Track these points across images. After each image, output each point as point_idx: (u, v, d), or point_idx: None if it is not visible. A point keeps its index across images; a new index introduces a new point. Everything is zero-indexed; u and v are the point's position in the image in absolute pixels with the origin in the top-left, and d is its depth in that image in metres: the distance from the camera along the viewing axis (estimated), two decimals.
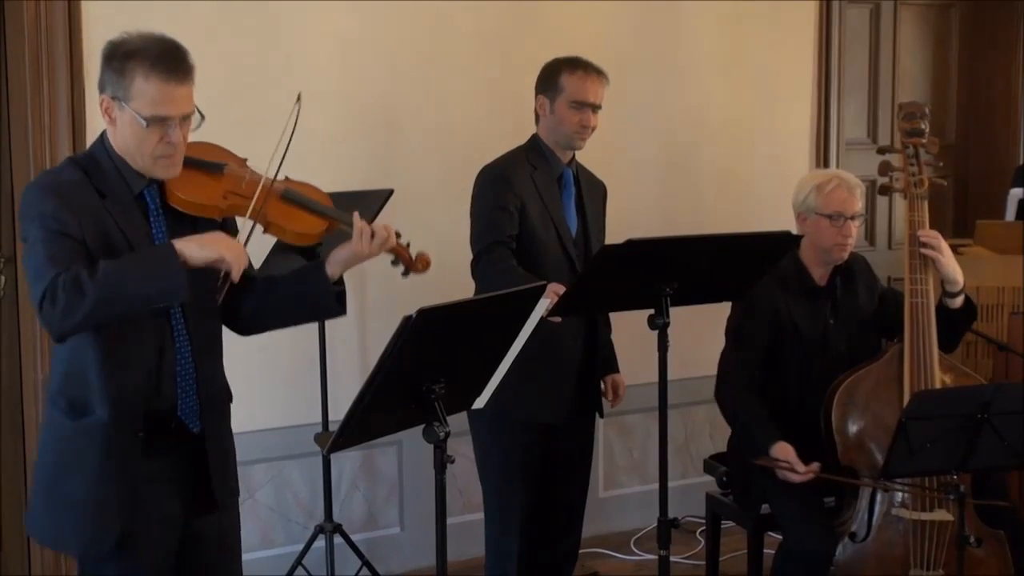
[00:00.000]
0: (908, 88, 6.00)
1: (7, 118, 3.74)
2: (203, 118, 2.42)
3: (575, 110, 3.50)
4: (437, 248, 3.99)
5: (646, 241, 3.06)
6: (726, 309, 3.63)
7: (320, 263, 2.53)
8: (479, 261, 3.45)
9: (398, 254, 2.56)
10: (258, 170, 2.49)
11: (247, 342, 2.71)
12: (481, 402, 2.64)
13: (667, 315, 3.09)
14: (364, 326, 4.20)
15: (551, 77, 3.55)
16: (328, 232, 2.54)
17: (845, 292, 3.59)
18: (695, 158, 4.89)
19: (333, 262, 2.51)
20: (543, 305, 2.58)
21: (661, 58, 4.77)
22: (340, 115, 4.13)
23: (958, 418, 2.92)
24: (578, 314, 3.44)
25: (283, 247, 2.60)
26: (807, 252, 3.55)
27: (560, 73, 3.53)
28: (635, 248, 2.99)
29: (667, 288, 3.07)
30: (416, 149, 4.30)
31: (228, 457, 2.61)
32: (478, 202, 3.53)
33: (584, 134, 3.54)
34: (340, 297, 2.55)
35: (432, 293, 2.55)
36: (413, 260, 2.57)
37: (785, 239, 3.31)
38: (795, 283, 3.54)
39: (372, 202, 3.84)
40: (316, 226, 2.52)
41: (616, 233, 3.44)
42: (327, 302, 2.54)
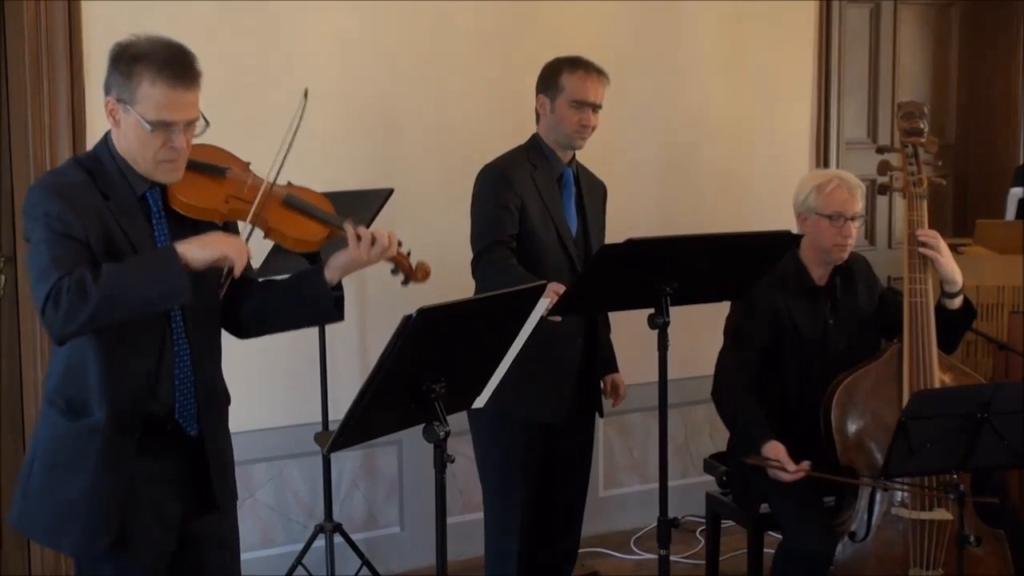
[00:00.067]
0: (908, 88, 6.00)
1: (7, 118, 3.74)
2: (207, 124, 2.41)
3: (575, 109, 3.50)
4: (437, 248, 4.00)
5: (646, 241, 3.05)
6: (726, 308, 3.63)
7: (319, 268, 2.53)
8: (479, 260, 3.45)
9: (398, 263, 2.55)
10: (260, 174, 2.48)
11: (248, 342, 2.71)
12: (481, 402, 2.64)
13: (667, 314, 3.09)
14: (364, 326, 4.20)
15: (551, 76, 3.55)
16: (329, 239, 2.53)
17: (845, 292, 3.59)
18: (695, 158, 4.89)
19: (332, 267, 2.51)
20: (543, 304, 2.59)
21: (661, 58, 4.77)
22: (340, 115, 4.13)
23: (958, 417, 2.92)
24: (578, 313, 3.44)
25: (283, 249, 2.60)
26: (807, 252, 3.55)
27: (560, 73, 3.53)
28: (635, 248, 2.99)
29: (667, 288, 3.07)
30: (416, 149, 4.30)
31: (226, 459, 2.61)
32: (478, 201, 3.53)
33: (584, 133, 3.54)
34: (338, 302, 2.54)
35: (432, 293, 2.55)
36: (413, 269, 2.56)
37: (785, 239, 3.31)
38: (795, 283, 3.54)
39: (372, 202, 3.84)
40: (317, 233, 2.51)
41: (616, 233, 3.44)
42: (325, 307, 2.53)
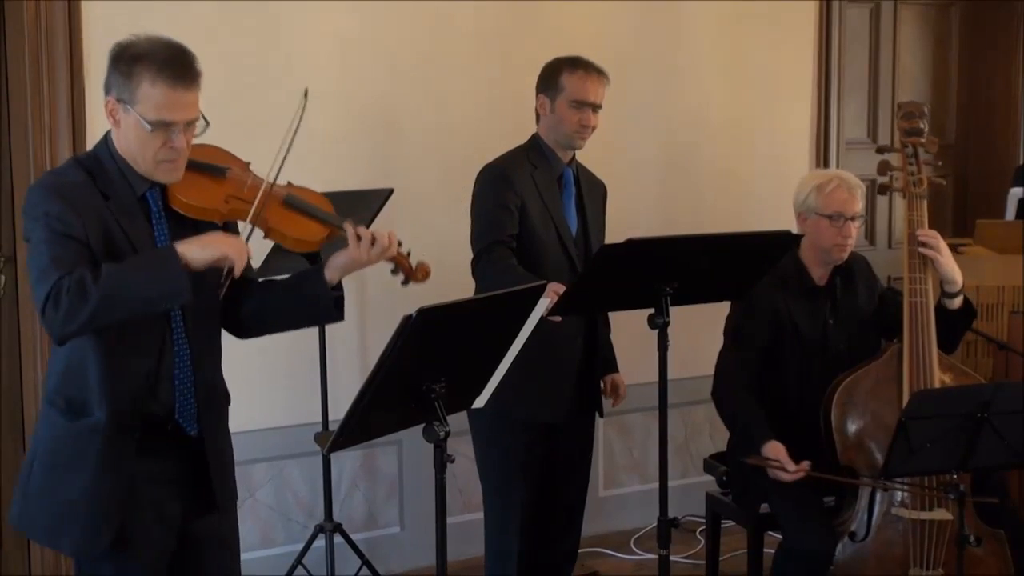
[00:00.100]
0: (908, 88, 6.00)
1: (7, 118, 3.74)
2: (208, 124, 2.41)
3: (575, 109, 3.50)
4: (437, 248, 4.00)
5: (646, 240, 3.05)
6: (726, 308, 3.63)
7: (319, 268, 2.53)
8: (479, 260, 3.45)
9: (398, 263, 2.55)
10: (260, 175, 2.48)
11: (248, 342, 2.70)
12: (481, 402, 2.64)
13: (667, 314, 3.09)
14: (364, 325, 4.20)
15: (551, 76, 3.55)
16: (329, 239, 2.53)
17: (845, 292, 3.59)
18: (695, 158, 4.89)
19: (332, 267, 2.51)
20: (543, 304, 2.59)
21: (661, 58, 4.77)
22: (340, 115, 4.13)
23: (958, 417, 2.92)
24: (578, 313, 3.44)
25: (283, 248, 2.59)
26: (807, 252, 3.55)
27: (560, 72, 3.53)
28: (635, 247, 2.99)
29: (667, 288, 3.07)
30: (416, 149, 4.30)
31: (226, 459, 2.61)
32: (478, 201, 3.53)
33: (584, 133, 3.54)
34: (338, 302, 2.54)
35: (432, 293, 2.55)
36: (413, 269, 2.56)
37: (785, 239, 3.31)
38: (795, 283, 3.54)
39: (372, 202, 3.84)
40: (317, 233, 2.51)
41: (616, 233, 3.44)
42: (325, 307, 2.53)
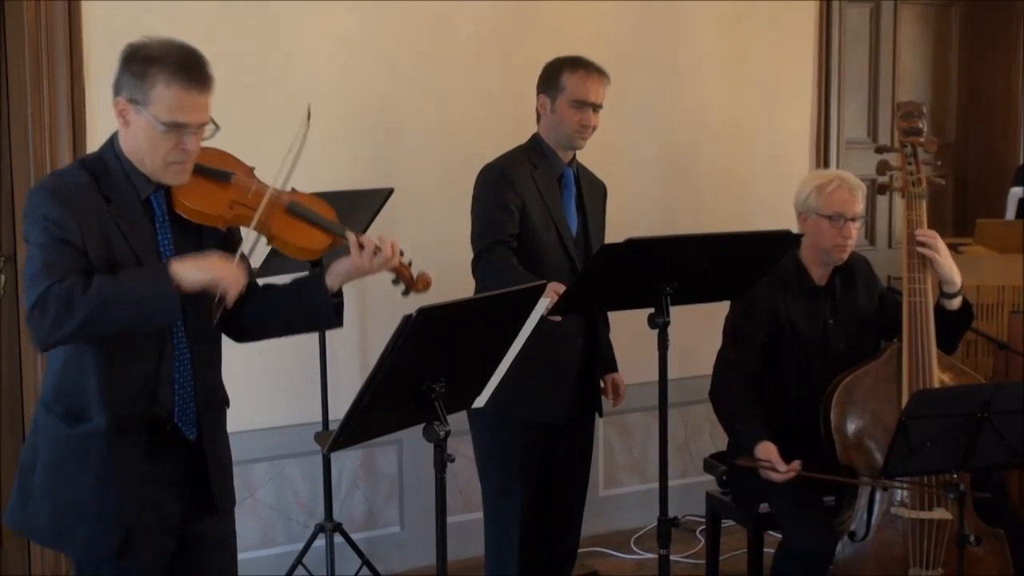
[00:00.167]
0: (908, 88, 6.01)
1: (7, 117, 3.74)
2: (217, 128, 2.41)
3: (576, 109, 3.50)
4: (437, 248, 4.02)
5: (646, 240, 3.05)
6: (726, 308, 3.63)
7: (320, 274, 2.53)
8: (480, 260, 3.45)
9: (399, 273, 2.56)
10: (265, 181, 2.48)
11: None
12: (481, 401, 2.64)
13: (667, 314, 3.09)
14: (364, 326, 4.20)
15: (552, 76, 3.55)
16: (331, 248, 2.54)
17: (845, 292, 3.59)
18: (695, 158, 4.89)
19: (333, 274, 2.51)
20: (543, 304, 2.59)
21: (661, 58, 4.77)
22: (340, 115, 4.13)
23: (958, 417, 2.92)
24: (578, 313, 3.44)
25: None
26: (807, 252, 3.55)
27: (561, 72, 3.52)
28: (635, 247, 2.99)
29: (667, 287, 3.07)
30: (416, 149, 4.30)
31: (225, 462, 2.61)
32: (479, 201, 3.52)
33: (585, 133, 3.54)
34: (338, 309, 2.55)
35: (432, 292, 2.55)
36: (414, 280, 2.57)
37: (785, 239, 3.30)
38: (795, 283, 3.54)
39: (372, 202, 3.84)
40: (320, 241, 2.51)
41: (616, 233, 3.44)
42: (325, 314, 2.54)
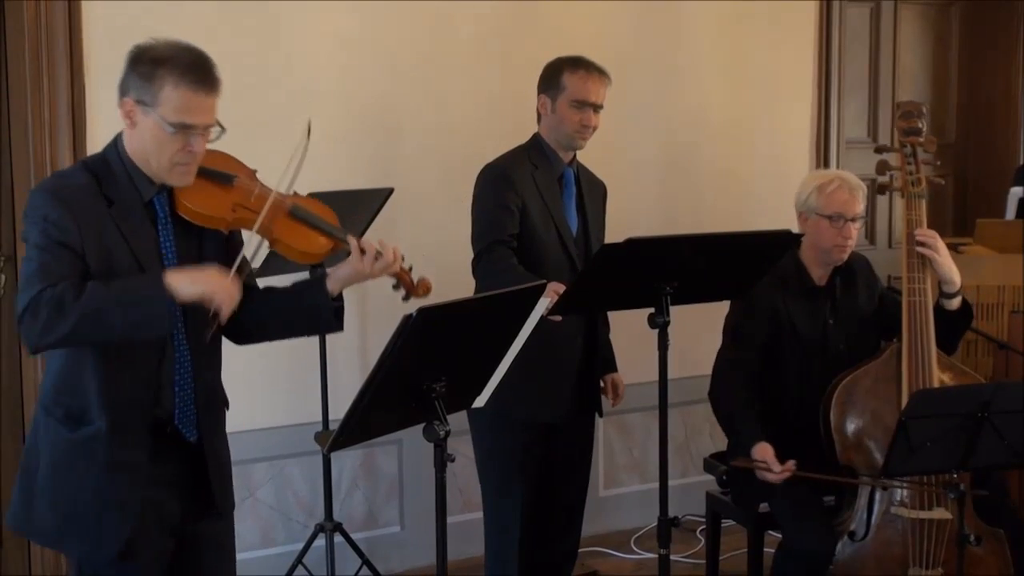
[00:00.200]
0: (908, 87, 6.01)
1: (7, 117, 3.74)
2: (223, 131, 2.41)
3: (576, 109, 3.50)
4: (437, 248, 4.02)
5: (646, 240, 3.05)
6: (726, 308, 3.63)
7: (321, 278, 2.53)
8: (480, 260, 3.45)
9: (400, 278, 2.56)
10: (267, 184, 2.48)
11: None
12: (481, 401, 2.64)
13: (667, 314, 3.09)
14: (364, 326, 4.20)
15: (553, 76, 3.54)
16: (333, 252, 2.55)
17: (845, 292, 3.59)
18: (695, 158, 4.89)
19: (334, 279, 2.51)
20: (543, 304, 2.59)
21: (661, 58, 4.77)
22: (340, 115, 4.13)
23: (958, 417, 2.92)
24: (578, 313, 3.44)
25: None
26: (807, 252, 3.55)
27: (562, 72, 3.52)
28: (635, 247, 2.99)
29: (667, 287, 3.07)
30: (416, 149, 4.30)
31: (224, 464, 2.61)
32: (479, 201, 3.52)
33: (585, 134, 3.53)
34: (338, 313, 2.55)
35: (432, 292, 2.56)
36: (415, 285, 2.57)
37: (785, 238, 3.30)
38: (795, 283, 3.54)
39: (372, 202, 3.84)
40: (321, 246, 2.52)
41: (616, 233, 3.44)
42: (325, 317, 2.54)
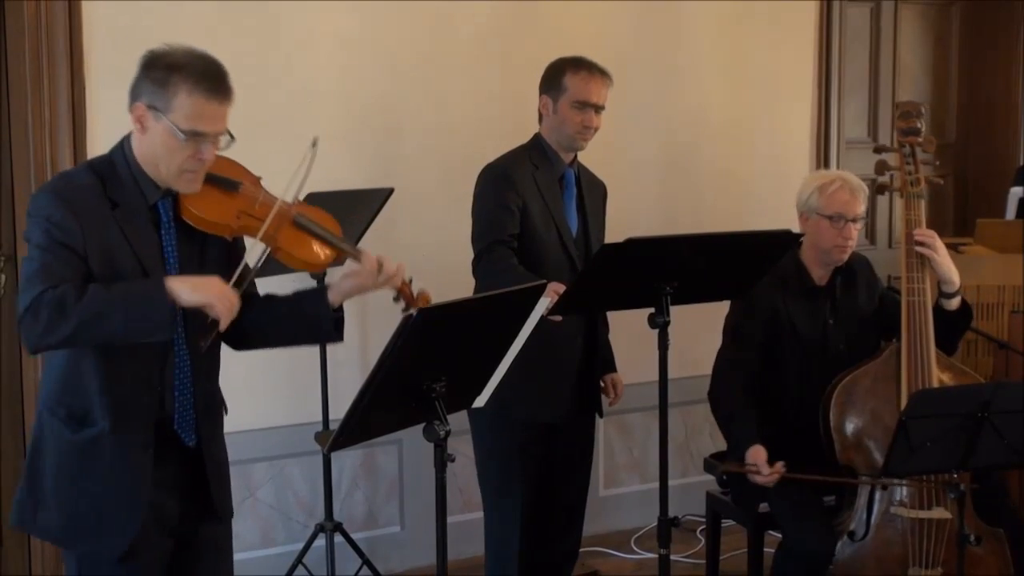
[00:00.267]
0: (908, 87, 6.01)
1: (7, 116, 3.74)
2: (232, 139, 2.41)
3: (578, 110, 3.49)
4: (437, 248, 4.02)
5: (646, 240, 3.05)
6: (726, 308, 3.63)
7: (323, 288, 2.54)
8: (480, 260, 3.45)
9: (401, 291, 2.56)
10: (272, 192, 2.48)
11: None
12: (481, 401, 2.64)
13: (667, 314, 3.09)
14: (364, 325, 4.20)
15: (555, 77, 3.54)
16: (335, 262, 2.55)
17: (845, 292, 3.59)
18: (695, 158, 4.89)
19: (336, 290, 2.51)
20: (543, 304, 2.59)
21: (661, 58, 4.77)
22: (340, 115, 4.13)
23: (958, 417, 2.92)
24: (578, 313, 3.44)
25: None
26: (807, 252, 3.55)
27: (564, 73, 3.52)
28: (635, 247, 2.99)
29: (667, 287, 3.07)
30: (416, 149, 4.30)
31: (223, 468, 2.61)
32: (480, 201, 3.52)
33: (586, 135, 3.53)
34: (338, 324, 2.55)
35: (432, 292, 2.56)
36: (415, 298, 2.57)
37: (785, 238, 3.30)
38: (795, 283, 3.54)
39: (372, 202, 3.84)
40: (324, 256, 2.52)
41: (616, 233, 3.43)
42: (326, 328, 2.54)
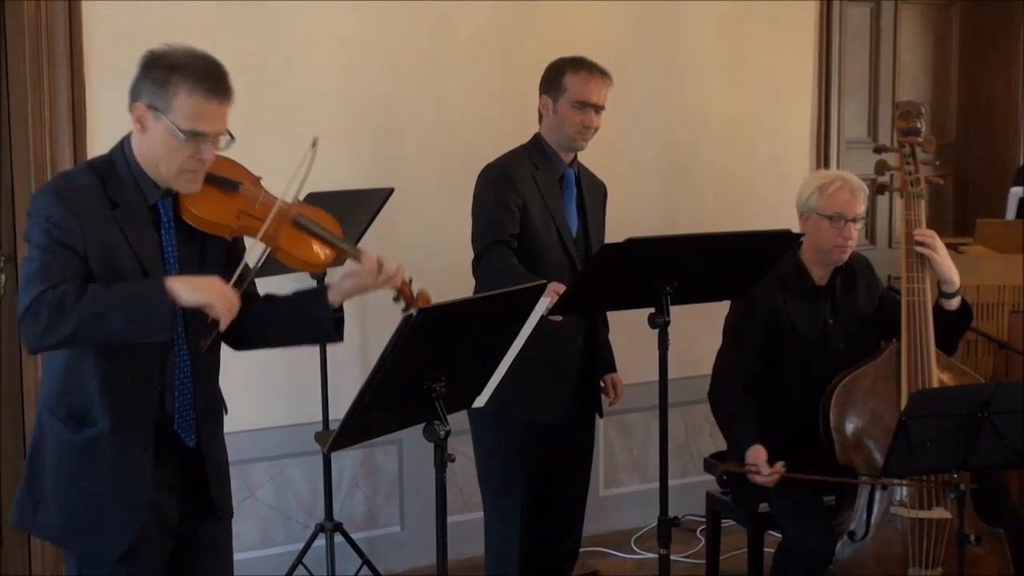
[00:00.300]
0: (908, 87, 6.01)
1: (8, 116, 3.74)
2: (233, 139, 2.41)
3: (578, 110, 3.49)
4: (437, 248, 4.02)
5: (646, 240, 3.05)
6: (726, 308, 3.63)
7: (323, 288, 2.53)
8: (480, 260, 3.45)
9: (401, 291, 2.57)
10: (272, 192, 2.48)
11: None
12: (481, 401, 2.64)
13: (667, 314, 3.09)
14: (364, 326, 4.20)
15: (555, 77, 3.54)
16: (335, 263, 2.55)
17: (845, 292, 3.59)
18: (695, 158, 4.89)
19: (336, 291, 2.51)
20: (543, 304, 2.59)
21: (661, 58, 4.77)
22: (340, 115, 4.13)
23: (958, 417, 2.92)
24: (578, 313, 3.44)
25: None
26: (807, 252, 3.55)
27: (564, 73, 3.52)
28: (635, 247, 2.99)
29: (667, 287, 3.07)
30: (416, 149, 4.30)
31: (223, 468, 2.61)
32: (480, 201, 3.52)
33: (586, 135, 3.53)
34: (338, 324, 2.55)
35: (432, 292, 2.56)
36: (415, 298, 2.57)
37: (785, 238, 3.30)
38: (795, 283, 3.54)
39: (372, 202, 3.84)
40: (324, 256, 2.52)
41: (616, 233, 3.43)
42: (326, 328, 2.54)
